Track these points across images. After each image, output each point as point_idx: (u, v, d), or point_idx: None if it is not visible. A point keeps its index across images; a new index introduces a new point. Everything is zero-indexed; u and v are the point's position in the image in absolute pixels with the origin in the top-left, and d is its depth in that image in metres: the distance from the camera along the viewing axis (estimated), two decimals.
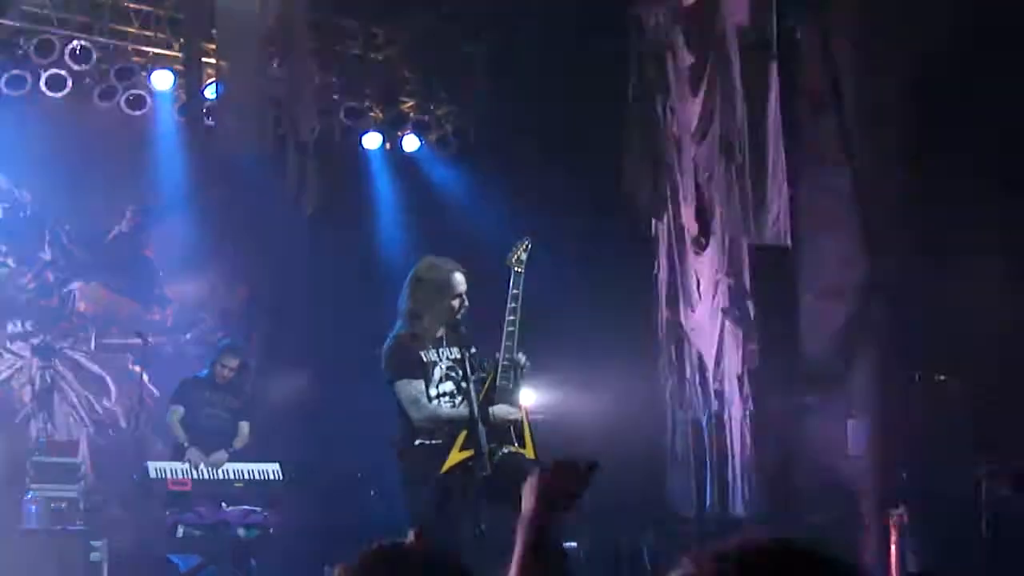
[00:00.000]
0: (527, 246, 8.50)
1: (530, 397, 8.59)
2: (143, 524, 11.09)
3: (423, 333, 8.20)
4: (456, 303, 8.21)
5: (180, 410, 11.43)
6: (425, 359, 8.19)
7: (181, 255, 13.51)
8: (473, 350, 8.16)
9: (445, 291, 8.21)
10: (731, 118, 11.27)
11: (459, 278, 8.26)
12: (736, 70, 11.27)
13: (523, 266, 8.39)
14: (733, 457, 11.43)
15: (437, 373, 8.19)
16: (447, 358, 8.22)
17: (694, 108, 11.78)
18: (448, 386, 8.19)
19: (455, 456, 7.99)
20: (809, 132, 11.32)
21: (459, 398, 8.14)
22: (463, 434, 7.97)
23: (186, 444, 11.20)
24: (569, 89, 12.30)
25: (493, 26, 13.07)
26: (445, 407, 8.15)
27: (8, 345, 12.79)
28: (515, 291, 8.29)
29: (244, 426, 11.58)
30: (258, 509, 10.96)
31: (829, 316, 11.21)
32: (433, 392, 8.15)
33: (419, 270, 8.36)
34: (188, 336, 13.24)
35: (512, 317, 8.22)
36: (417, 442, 8.13)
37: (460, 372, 8.13)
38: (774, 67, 11.22)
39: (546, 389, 10.54)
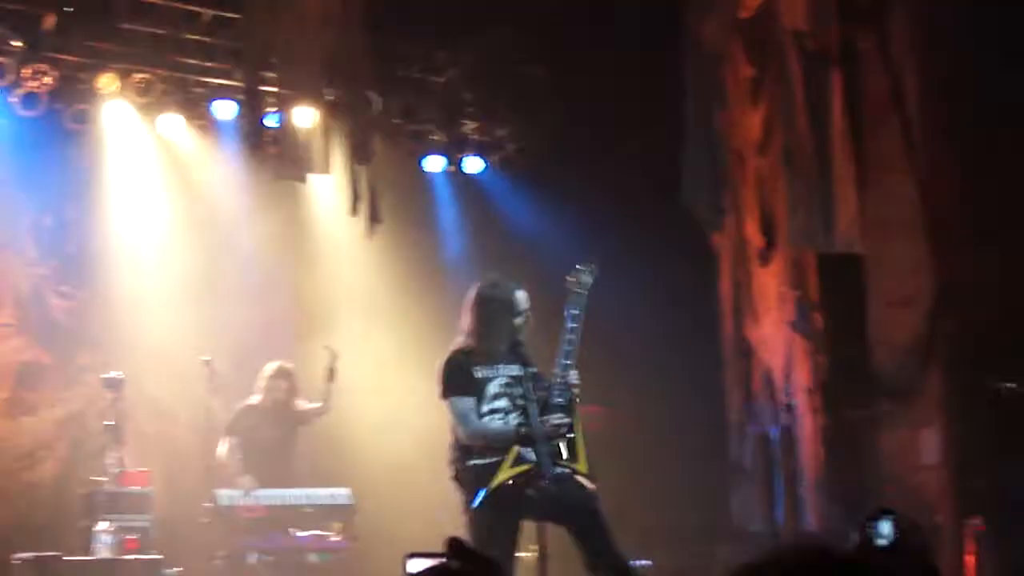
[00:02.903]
0: (592, 270, 8.40)
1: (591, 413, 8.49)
2: (216, 552, 11.13)
3: (482, 350, 8.15)
4: (519, 320, 8.16)
5: (232, 441, 11.48)
6: (478, 375, 8.10)
7: (249, 281, 13.57)
8: (534, 369, 8.09)
9: (509, 309, 8.14)
10: (793, 129, 11.19)
11: (522, 296, 8.21)
12: (797, 80, 11.20)
13: (586, 288, 8.30)
14: (804, 471, 11.33)
15: (491, 389, 8.08)
16: (505, 375, 8.13)
17: (755, 120, 11.72)
18: (502, 403, 8.09)
19: (506, 472, 7.94)
20: (873, 140, 11.23)
21: (513, 415, 8.05)
22: (514, 451, 7.92)
23: (238, 474, 11.25)
24: (628, 105, 12.26)
25: (552, 46, 13.06)
26: (497, 423, 8.08)
27: (80, 377, 12.90)
28: (575, 311, 8.16)
29: (300, 444, 11.61)
30: (329, 534, 10.98)
31: (899, 325, 11.11)
32: (485, 408, 8.05)
33: (481, 289, 8.30)
34: (266, 366, 13.24)
35: (571, 336, 8.12)
36: (471, 462, 8.08)
37: (518, 390, 8.05)
38: (836, 76, 11.14)
39: (608, 405, 10.48)
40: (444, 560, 2.84)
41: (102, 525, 10.57)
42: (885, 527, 4.26)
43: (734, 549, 11.29)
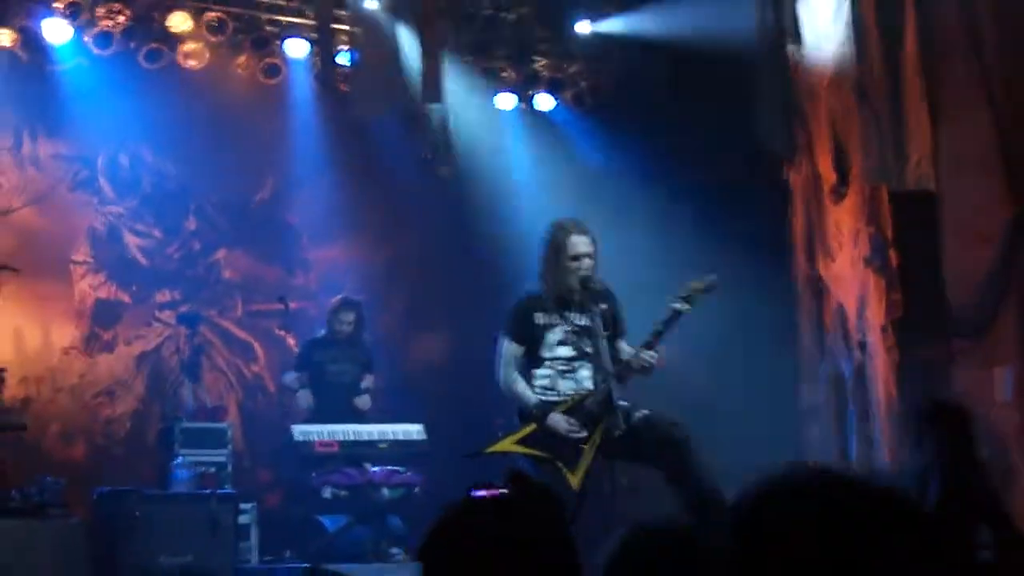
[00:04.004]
0: (711, 285, 8.14)
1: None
2: (291, 486, 11.27)
3: (546, 295, 8.12)
4: (574, 264, 8.04)
5: (303, 376, 11.62)
6: (539, 322, 8.07)
7: (322, 219, 13.68)
8: (604, 306, 8.00)
9: (561, 252, 8.04)
10: (865, 62, 11.04)
11: (578, 239, 8.06)
12: (869, 11, 11.03)
13: (693, 304, 8.01)
14: (878, 408, 11.25)
15: (552, 337, 8.04)
16: (573, 323, 8.06)
17: (827, 54, 11.58)
18: (565, 351, 8.03)
19: (507, 443, 7.96)
20: (947, 74, 11.06)
21: (577, 363, 8.04)
22: (528, 428, 7.93)
23: (296, 391, 11.46)
24: (700, 40, 12.15)
25: None
26: (543, 378, 8.06)
27: (157, 314, 13.06)
28: (665, 324, 7.99)
29: (369, 377, 11.72)
30: (402, 469, 11.07)
31: (974, 262, 10.96)
32: (547, 354, 8.04)
33: (548, 231, 8.29)
34: (332, 299, 13.35)
35: (659, 331, 7.96)
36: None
37: (587, 341, 7.98)
38: (910, 8, 10.96)
39: (678, 343, 10.40)
40: (502, 490, 2.86)
41: (179, 460, 10.72)
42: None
43: None
